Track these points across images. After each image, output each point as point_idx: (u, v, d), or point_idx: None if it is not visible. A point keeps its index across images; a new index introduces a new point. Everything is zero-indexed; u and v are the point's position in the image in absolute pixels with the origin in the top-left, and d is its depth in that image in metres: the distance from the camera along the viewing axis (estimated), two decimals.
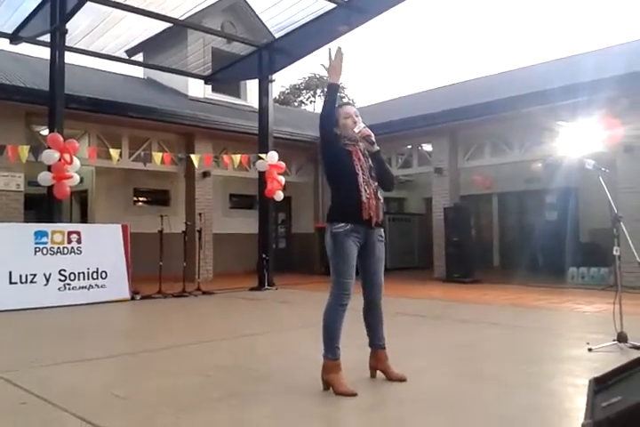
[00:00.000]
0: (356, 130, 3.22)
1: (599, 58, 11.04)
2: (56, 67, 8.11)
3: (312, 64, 13.61)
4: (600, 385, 2.26)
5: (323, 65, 3.23)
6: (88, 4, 8.17)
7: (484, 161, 11.29)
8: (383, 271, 3.32)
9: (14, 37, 9.13)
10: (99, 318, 6.61)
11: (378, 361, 3.32)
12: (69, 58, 8.59)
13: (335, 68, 3.17)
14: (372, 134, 3.26)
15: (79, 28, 9.24)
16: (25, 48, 9.94)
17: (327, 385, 3.07)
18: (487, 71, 30.49)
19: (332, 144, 3.23)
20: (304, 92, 32.35)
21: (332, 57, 3.18)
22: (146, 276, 8.79)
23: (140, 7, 8.79)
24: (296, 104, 31.55)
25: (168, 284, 8.55)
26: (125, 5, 8.68)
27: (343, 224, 3.11)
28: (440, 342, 4.69)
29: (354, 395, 2.96)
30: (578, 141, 6.73)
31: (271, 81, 10.53)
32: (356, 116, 3.30)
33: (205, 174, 11.63)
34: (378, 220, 3.18)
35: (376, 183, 3.21)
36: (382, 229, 3.30)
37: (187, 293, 8.53)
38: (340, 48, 3.18)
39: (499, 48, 52.92)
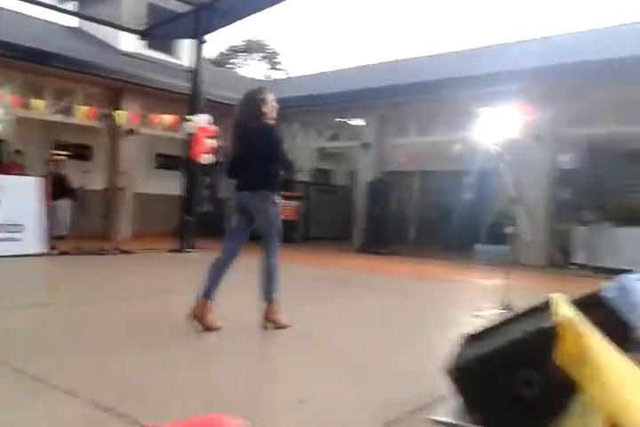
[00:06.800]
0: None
1: (529, 47, 11.57)
2: None
3: (252, 26, 13.40)
4: (472, 340, 2.62)
5: None
6: None
7: (410, 139, 11.72)
8: (271, 234, 3.77)
9: None
10: (11, 270, 6.52)
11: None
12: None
13: None
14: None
15: None
16: None
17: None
18: (427, 52, 31.05)
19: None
20: (241, 54, 31.76)
21: None
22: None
23: None
24: (230, 66, 30.93)
25: (85, 241, 8.43)
26: None
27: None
28: (346, 307, 5.06)
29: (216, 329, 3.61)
30: (495, 127, 7.17)
31: (203, 42, 10.34)
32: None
33: (131, 132, 11.34)
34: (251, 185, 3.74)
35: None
36: (265, 193, 3.72)
37: (105, 251, 8.47)
38: None
39: (437, 30, 53.69)
